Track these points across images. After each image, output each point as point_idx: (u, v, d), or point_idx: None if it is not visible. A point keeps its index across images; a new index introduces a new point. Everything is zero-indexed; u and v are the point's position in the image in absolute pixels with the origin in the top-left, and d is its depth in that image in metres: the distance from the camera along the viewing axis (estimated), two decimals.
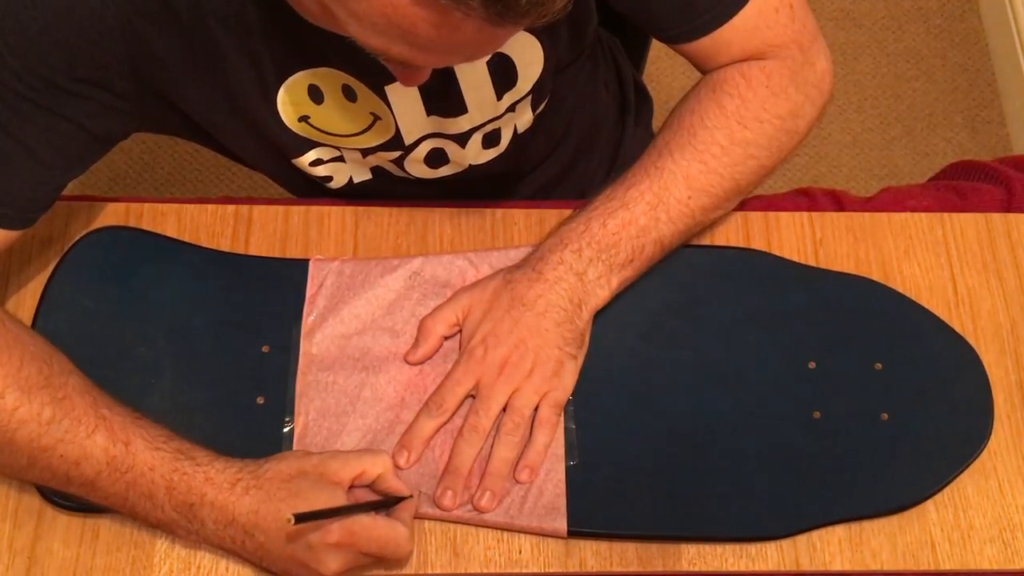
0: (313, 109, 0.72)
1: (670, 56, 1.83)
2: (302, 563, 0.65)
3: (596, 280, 0.73)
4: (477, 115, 0.77)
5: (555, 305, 0.72)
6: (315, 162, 0.78)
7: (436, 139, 0.78)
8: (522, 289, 0.73)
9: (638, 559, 0.70)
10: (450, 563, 0.69)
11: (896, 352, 0.76)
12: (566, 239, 0.74)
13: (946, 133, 1.76)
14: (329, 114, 0.73)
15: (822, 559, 0.71)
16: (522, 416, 0.72)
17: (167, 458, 0.65)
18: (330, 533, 0.64)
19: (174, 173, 1.69)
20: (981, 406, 0.75)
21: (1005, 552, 0.71)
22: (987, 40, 1.83)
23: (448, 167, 0.82)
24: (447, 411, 0.72)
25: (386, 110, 0.73)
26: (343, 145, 0.77)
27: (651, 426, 0.73)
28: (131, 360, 0.73)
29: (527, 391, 0.72)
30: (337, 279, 0.77)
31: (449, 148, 0.80)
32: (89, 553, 0.69)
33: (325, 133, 0.75)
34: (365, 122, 0.74)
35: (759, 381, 0.75)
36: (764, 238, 0.81)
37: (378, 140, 0.76)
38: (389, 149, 0.78)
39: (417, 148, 0.78)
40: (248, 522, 0.65)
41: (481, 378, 0.72)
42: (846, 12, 1.84)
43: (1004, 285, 0.80)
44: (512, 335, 0.72)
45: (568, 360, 0.73)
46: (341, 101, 0.72)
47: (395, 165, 0.81)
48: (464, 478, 0.71)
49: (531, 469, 0.71)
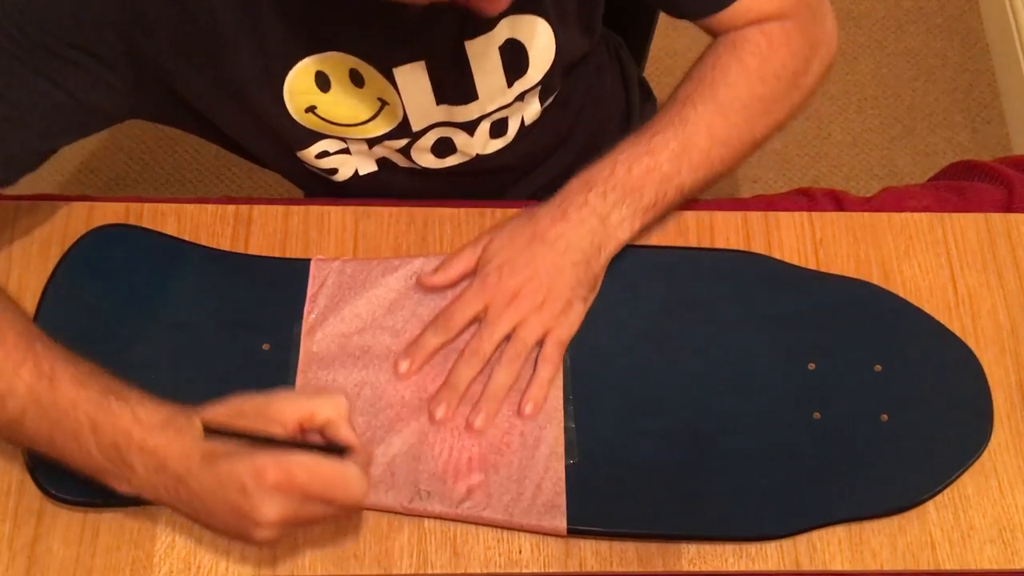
0: (320, 98, 0.72)
1: (670, 56, 1.83)
2: (236, 510, 0.59)
3: (619, 224, 0.74)
4: (487, 102, 0.77)
5: (575, 245, 0.73)
6: (321, 154, 0.78)
7: (444, 128, 0.78)
8: (544, 226, 0.74)
9: (638, 559, 0.70)
10: (450, 563, 0.70)
11: (895, 354, 0.76)
12: (592, 181, 0.74)
13: (946, 133, 1.76)
14: (336, 102, 0.73)
15: (822, 559, 0.71)
16: (524, 346, 0.73)
17: (92, 395, 0.60)
18: (265, 472, 0.58)
19: (174, 173, 1.69)
20: (980, 409, 0.75)
21: (1005, 552, 0.71)
22: (987, 40, 1.83)
23: (455, 157, 0.82)
24: (453, 329, 0.73)
25: (394, 94, 0.73)
26: (350, 135, 0.77)
27: (651, 426, 0.73)
28: (131, 358, 0.73)
29: (533, 324, 0.73)
30: (338, 278, 0.77)
31: (457, 137, 0.80)
32: (89, 553, 0.69)
33: (332, 123, 0.75)
34: (372, 109, 0.74)
35: (759, 382, 0.75)
36: (764, 238, 0.81)
37: (385, 128, 0.76)
38: (396, 137, 0.78)
39: (424, 136, 0.78)
40: (180, 468, 0.60)
41: (490, 303, 0.73)
42: (846, 12, 1.84)
43: (1004, 285, 0.80)
44: (528, 267, 0.73)
45: (578, 302, 0.74)
46: (348, 87, 0.72)
47: (402, 155, 0.81)
48: (459, 395, 0.72)
49: (534, 403, 0.72)
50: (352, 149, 0.79)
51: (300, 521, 0.61)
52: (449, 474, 0.71)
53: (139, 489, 0.62)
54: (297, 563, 0.69)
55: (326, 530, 0.70)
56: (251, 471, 0.58)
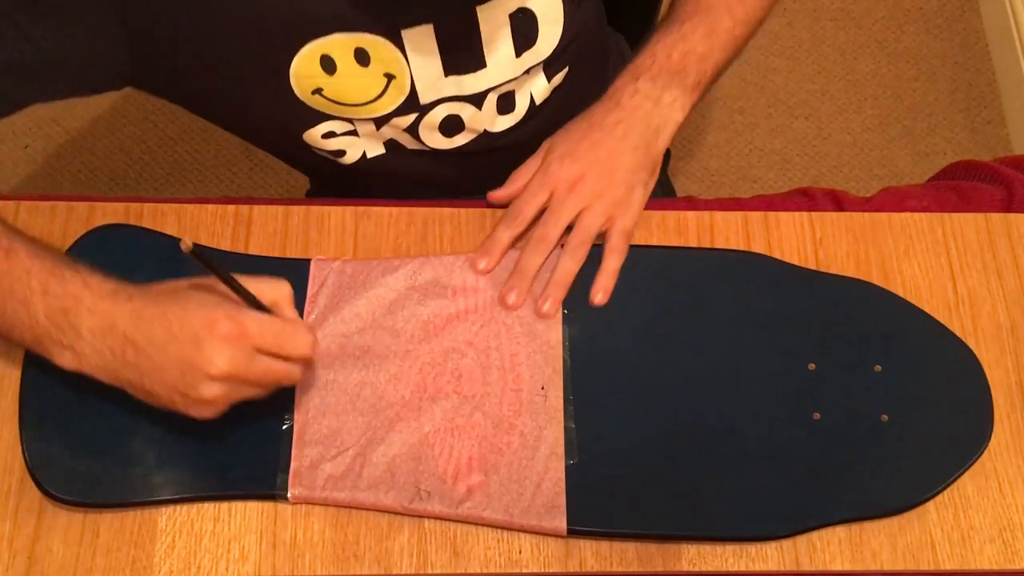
0: (326, 81, 0.73)
1: None
2: (187, 363, 0.60)
3: (671, 104, 0.78)
4: (495, 73, 0.78)
5: (633, 130, 0.76)
6: (327, 135, 0.79)
7: (452, 103, 0.79)
8: (600, 116, 0.77)
9: (638, 559, 0.70)
10: (450, 563, 0.70)
11: (895, 354, 0.76)
12: (637, 71, 0.78)
13: (946, 133, 1.76)
14: (343, 83, 0.74)
15: (822, 559, 0.71)
16: (588, 234, 0.75)
17: (46, 264, 0.62)
18: (218, 323, 0.59)
19: (174, 173, 1.69)
20: (981, 409, 0.75)
21: (1005, 552, 0.71)
22: (987, 40, 1.83)
23: (464, 135, 0.83)
24: (523, 221, 0.76)
25: (402, 63, 0.73)
26: (357, 116, 0.77)
27: (651, 426, 0.73)
28: None
29: (596, 210, 0.75)
30: (338, 278, 0.77)
31: (465, 112, 0.80)
32: (89, 553, 0.69)
33: (339, 104, 0.75)
34: (379, 86, 0.75)
35: (759, 382, 0.75)
36: (764, 238, 0.81)
37: (393, 104, 0.77)
38: (404, 113, 0.78)
39: (432, 111, 0.79)
40: (129, 326, 0.60)
41: (554, 191, 0.76)
42: (846, 12, 1.84)
43: (1004, 285, 0.80)
44: (589, 155, 0.76)
45: (639, 187, 0.76)
46: (354, 67, 0.73)
47: (410, 135, 0.81)
48: (530, 281, 0.75)
49: (604, 292, 0.76)
50: (360, 131, 0.79)
51: (248, 378, 0.62)
52: (449, 474, 0.71)
53: (81, 358, 0.62)
54: (297, 563, 0.69)
55: (326, 530, 0.70)
56: (203, 320, 0.60)
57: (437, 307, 0.76)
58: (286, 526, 0.70)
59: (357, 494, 0.70)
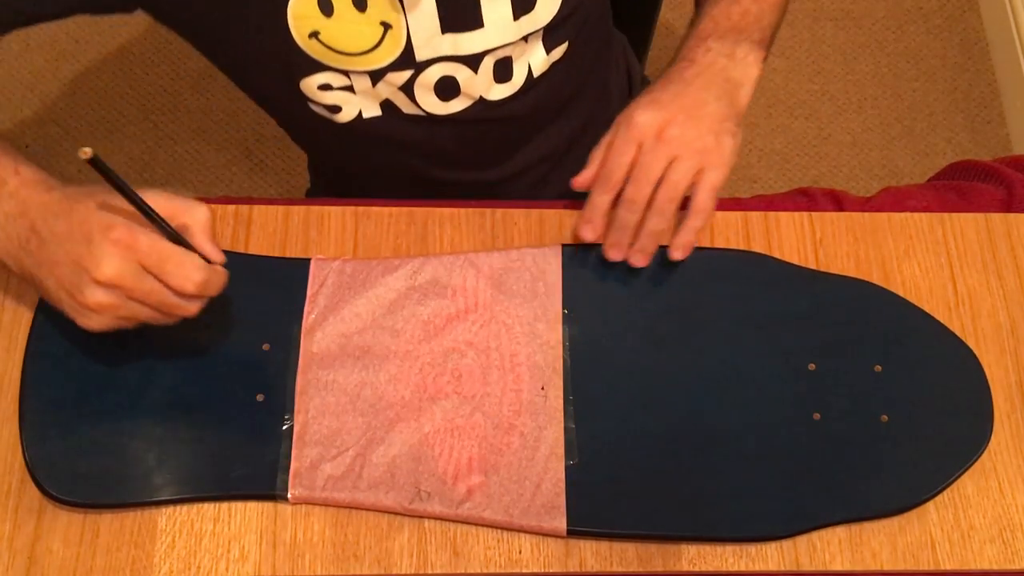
0: (323, 23, 0.73)
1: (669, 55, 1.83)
2: (77, 262, 0.61)
3: (745, 58, 0.78)
4: (493, 34, 0.78)
5: (714, 82, 0.76)
6: (324, 86, 0.79)
7: (448, 63, 0.79)
8: (677, 73, 0.77)
9: (638, 559, 0.70)
10: (450, 563, 0.70)
11: (895, 354, 0.76)
12: (702, 35, 0.79)
13: (946, 133, 1.76)
14: (339, 28, 0.74)
15: (822, 559, 0.71)
16: (676, 191, 0.73)
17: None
18: (114, 228, 0.60)
19: (174, 173, 1.69)
20: (981, 409, 0.75)
21: (1005, 552, 0.71)
22: (987, 40, 1.83)
23: (460, 100, 0.83)
24: (618, 182, 0.74)
25: (399, 11, 0.74)
26: (353, 67, 0.77)
27: (651, 426, 0.73)
28: (131, 357, 0.73)
29: (685, 162, 0.73)
30: (338, 278, 0.77)
31: (461, 74, 0.80)
32: (89, 553, 0.69)
33: (335, 52, 0.75)
34: (376, 35, 0.75)
35: (759, 382, 0.75)
36: (764, 238, 0.81)
37: (388, 57, 0.77)
38: (400, 68, 0.78)
39: (428, 70, 0.79)
40: (38, 216, 0.62)
41: (642, 143, 0.73)
42: (846, 12, 1.84)
43: (1004, 285, 0.80)
44: (674, 103, 0.75)
45: (728, 136, 0.75)
46: (351, 11, 0.73)
47: (405, 96, 0.81)
48: (629, 236, 0.75)
49: (683, 249, 0.75)
50: (356, 87, 0.80)
51: (133, 293, 0.62)
52: (449, 475, 0.71)
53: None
54: (297, 563, 0.69)
55: (326, 530, 0.70)
56: (101, 224, 0.61)
57: (437, 307, 0.76)
58: (286, 526, 0.70)
59: (357, 494, 0.70)
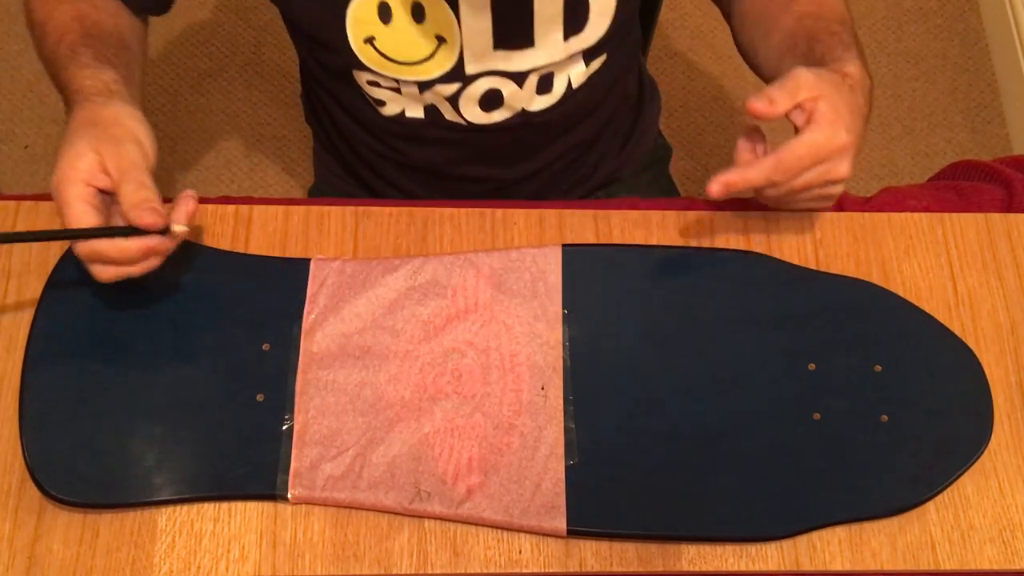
0: (380, 30, 0.75)
1: (670, 56, 1.83)
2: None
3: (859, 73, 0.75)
4: (541, 54, 0.79)
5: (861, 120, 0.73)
6: (372, 83, 0.82)
7: (495, 77, 0.81)
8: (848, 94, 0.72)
9: (638, 559, 0.70)
10: (450, 563, 0.70)
11: (896, 354, 0.76)
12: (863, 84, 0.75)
13: (946, 133, 1.76)
14: (395, 37, 0.76)
15: (822, 559, 0.71)
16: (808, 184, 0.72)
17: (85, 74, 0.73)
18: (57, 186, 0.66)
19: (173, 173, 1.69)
20: (981, 409, 0.75)
21: (1005, 552, 0.71)
22: (987, 40, 1.83)
23: (501, 111, 0.85)
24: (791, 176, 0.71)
25: (455, 27, 0.75)
26: (404, 76, 0.79)
27: (651, 426, 0.73)
28: (131, 357, 0.73)
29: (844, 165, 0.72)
30: (338, 278, 0.77)
31: (506, 88, 0.82)
32: (89, 553, 0.69)
33: (388, 60, 0.77)
34: (430, 47, 0.77)
35: (759, 382, 0.75)
36: (764, 238, 0.81)
37: (439, 70, 0.79)
38: (448, 81, 0.80)
39: (475, 83, 0.81)
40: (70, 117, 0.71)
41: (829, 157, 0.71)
42: None
43: (1004, 285, 0.80)
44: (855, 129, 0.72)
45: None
46: (409, 22, 0.75)
47: (450, 105, 0.83)
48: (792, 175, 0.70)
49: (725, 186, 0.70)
50: (403, 90, 0.82)
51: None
52: (449, 475, 0.71)
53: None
54: (297, 563, 0.69)
55: (326, 530, 0.70)
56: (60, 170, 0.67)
57: (437, 307, 0.76)
58: (286, 526, 0.70)
59: (357, 494, 0.70)
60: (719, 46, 1.85)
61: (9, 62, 1.73)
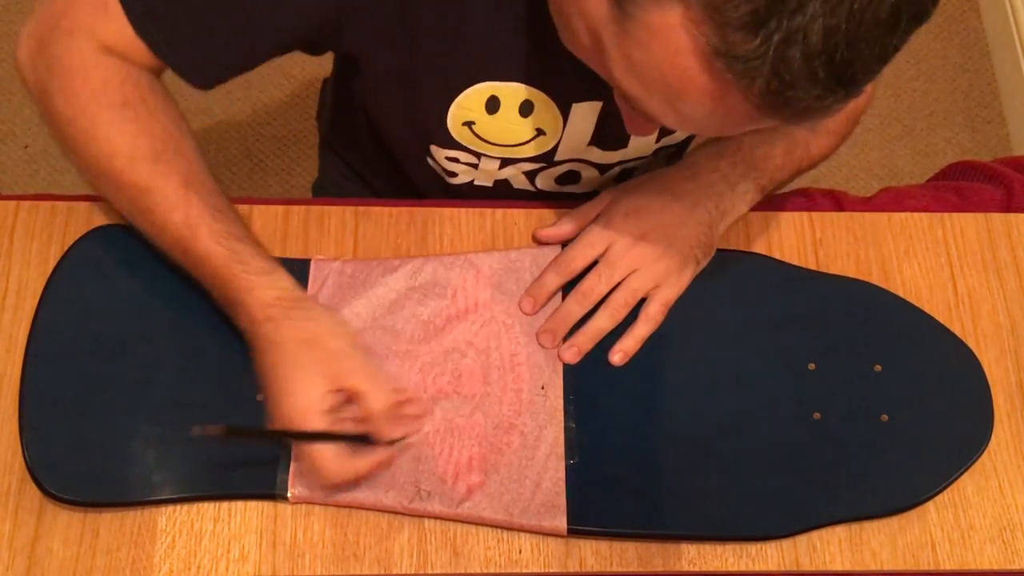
0: (484, 119, 0.74)
1: None
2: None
3: (743, 194, 0.76)
4: (632, 152, 0.79)
5: (702, 205, 0.75)
6: (452, 159, 0.80)
7: (581, 164, 0.81)
8: (674, 182, 0.75)
9: (638, 559, 0.70)
10: (450, 563, 0.70)
11: (895, 354, 0.76)
12: (722, 152, 0.76)
13: (946, 133, 1.76)
14: (496, 125, 0.74)
15: (822, 559, 0.71)
16: (633, 297, 0.74)
17: (221, 255, 0.67)
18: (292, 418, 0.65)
19: None
20: (981, 409, 0.75)
21: (1005, 552, 0.71)
22: (987, 40, 1.83)
23: (574, 187, 0.84)
24: (574, 271, 0.75)
25: (559, 127, 0.75)
26: (491, 153, 0.78)
27: (651, 426, 0.73)
28: (131, 357, 0.73)
29: (647, 274, 0.74)
30: (338, 278, 0.77)
31: (587, 172, 0.82)
32: (89, 553, 0.69)
33: (483, 141, 0.76)
34: (527, 136, 0.76)
35: (759, 382, 0.75)
36: (764, 238, 0.81)
37: (531, 153, 0.78)
38: (534, 162, 0.79)
39: (560, 166, 0.80)
40: (263, 344, 0.67)
41: (613, 245, 0.74)
42: None
43: (1004, 285, 0.80)
44: (655, 216, 0.74)
45: (692, 263, 0.75)
46: (515, 116, 0.74)
47: (526, 178, 0.82)
48: (567, 328, 0.75)
49: (624, 353, 0.74)
50: (481, 166, 0.80)
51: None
52: (449, 474, 0.71)
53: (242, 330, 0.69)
54: (297, 563, 0.69)
55: (326, 530, 0.70)
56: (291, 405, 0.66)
57: (437, 307, 0.76)
58: (286, 526, 0.70)
59: (357, 494, 0.70)
60: None
61: (9, 62, 1.73)
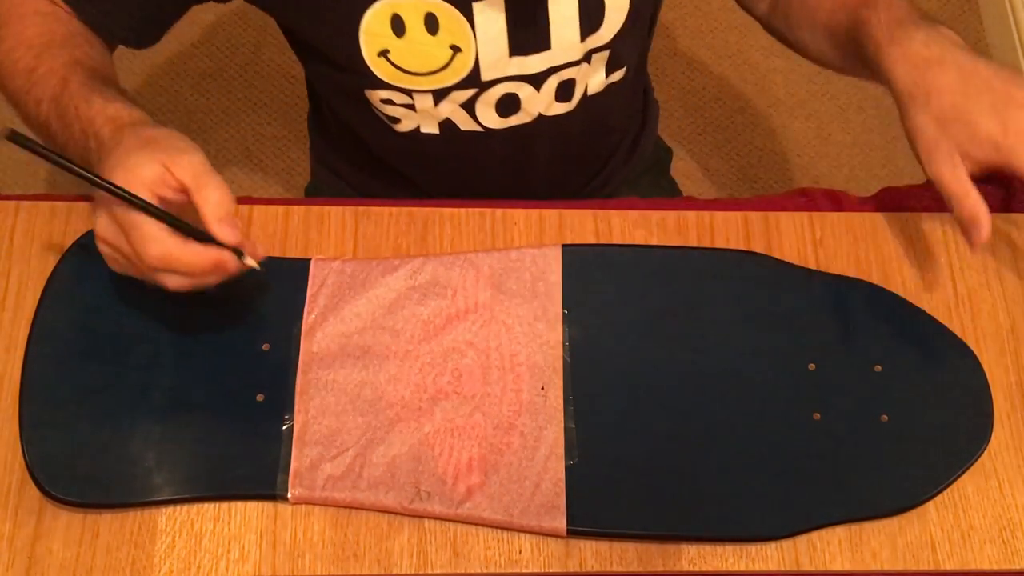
0: (394, 43, 0.74)
1: (669, 55, 1.83)
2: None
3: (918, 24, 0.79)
4: (559, 54, 0.79)
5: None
6: (386, 101, 0.81)
7: (512, 82, 0.80)
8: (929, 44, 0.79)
9: (638, 559, 0.70)
10: (450, 563, 0.70)
11: (895, 354, 0.76)
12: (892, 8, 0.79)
13: None
14: (410, 48, 0.75)
15: (822, 559, 0.71)
16: None
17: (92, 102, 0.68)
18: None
19: None
20: (981, 409, 0.75)
21: (1005, 552, 0.71)
22: (987, 40, 1.83)
23: (518, 116, 0.84)
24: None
25: (469, 36, 0.75)
26: (419, 87, 0.79)
27: (651, 426, 0.73)
28: (131, 357, 0.73)
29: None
30: (338, 278, 0.77)
31: (523, 92, 0.82)
32: (89, 553, 0.69)
33: (402, 71, 0.76)
34: (445, 57, 0.76)
35: (759, 382, 0.75)
36: (764, 238, 0.81)
37: (455, 78, 0.78)
38: (464, 88, 0.79)
39: (492, 88, 0.80)
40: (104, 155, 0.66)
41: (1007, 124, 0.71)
42: None
43: (1004, 286, 0.80)
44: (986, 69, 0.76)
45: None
46: (423, 34, 0.74)
47: (466, 112, 0.82)
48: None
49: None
50: (417, 106, 0.81)
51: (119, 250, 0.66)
52: (449, 475, 0.71)
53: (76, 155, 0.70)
54: (297, 563, 0.69)
55: (326, 530, 0.70)
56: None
57: (437, 307, 0.76)
58: (286, 526, 0.70)
59: (357, 494, 0.70)
60: (719, 46, 1.85)
61: None
